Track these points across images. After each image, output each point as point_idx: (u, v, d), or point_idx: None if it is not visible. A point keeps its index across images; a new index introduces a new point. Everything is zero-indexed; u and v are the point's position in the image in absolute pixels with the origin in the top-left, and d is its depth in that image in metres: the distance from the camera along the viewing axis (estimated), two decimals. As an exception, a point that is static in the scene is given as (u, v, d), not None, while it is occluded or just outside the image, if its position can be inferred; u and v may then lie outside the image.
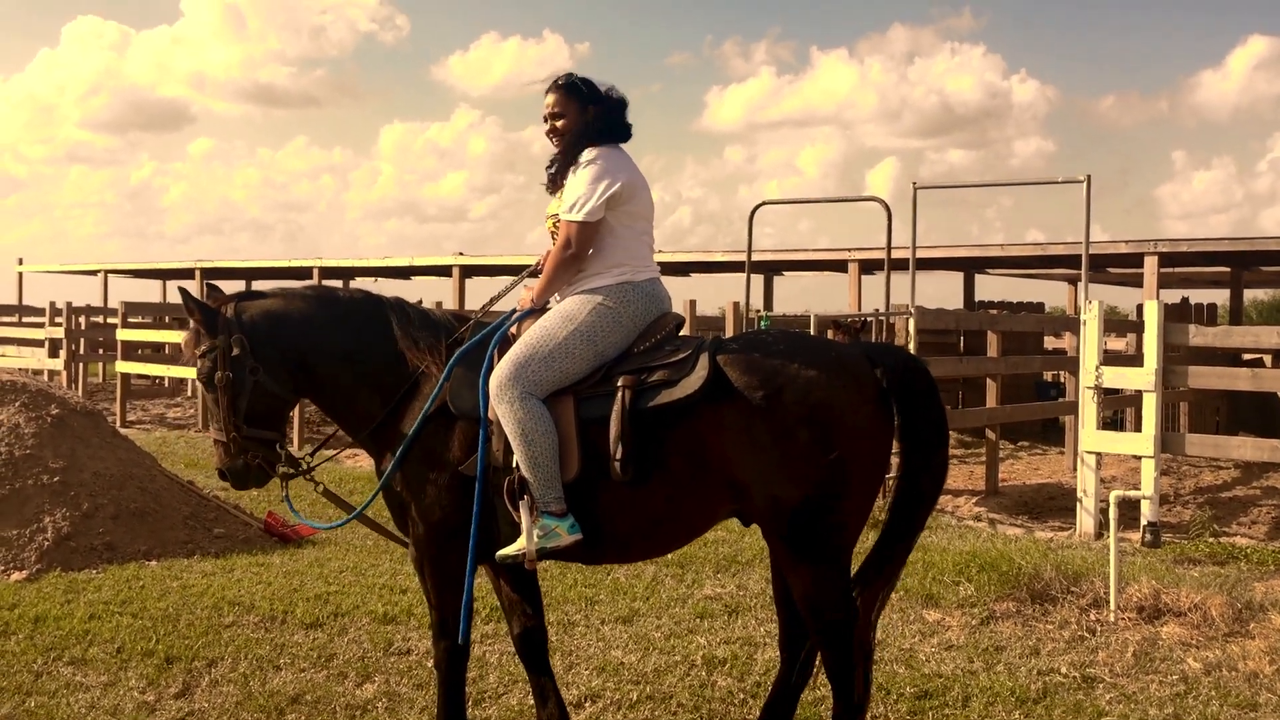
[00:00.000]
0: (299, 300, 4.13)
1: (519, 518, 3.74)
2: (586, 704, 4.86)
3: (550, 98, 4.09)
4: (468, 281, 21.52)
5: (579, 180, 3.95)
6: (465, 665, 4.09)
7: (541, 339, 3.84)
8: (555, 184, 4.10)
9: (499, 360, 3.86)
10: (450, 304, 20.07)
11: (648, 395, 3.74)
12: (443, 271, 22.46)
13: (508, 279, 4.43)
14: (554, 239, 4.05)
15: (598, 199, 3.90)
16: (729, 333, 11.76)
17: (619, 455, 3.68)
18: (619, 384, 3.76)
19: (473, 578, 3.91)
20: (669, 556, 7.30)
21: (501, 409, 3.76)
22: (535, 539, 3.72)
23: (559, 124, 4.07)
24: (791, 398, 3.64)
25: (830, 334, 10.74)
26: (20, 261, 29.57)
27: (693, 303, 12.83)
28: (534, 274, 4.20)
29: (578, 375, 3.83)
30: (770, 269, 21.15)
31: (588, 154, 3.97)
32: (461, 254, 20.74)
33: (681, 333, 4.03)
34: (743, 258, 12.56)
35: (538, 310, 4.03)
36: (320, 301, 4.14)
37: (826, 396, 3.65)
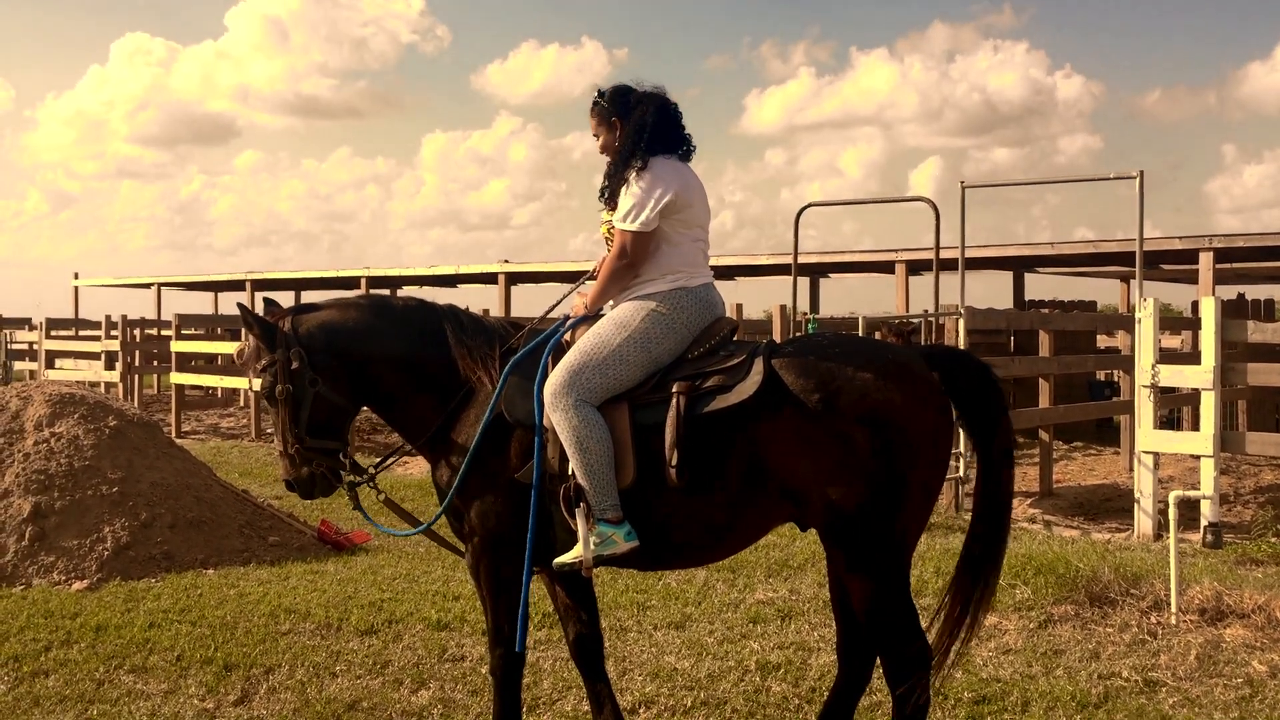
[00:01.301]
0: (354, 310, 4.16)
1: (575, 525, 3.74)
2: (641, 710, 4.85)
3: (590, 119, 4.14)
4: (513, 289, 21.64)
5: (632, 189, 3.95)
6: (521, 672, 4.10)
7: (596, 346, 3.84)
8: (611, 203, 4.08)
9: (553, 368, 3.87)
10: (496, 311, 20.18)
11: (703, 401, 3.72)
12: (488, 279, 22.61)
13: (553, 285, 4.46)
14: (609, 245, 4.05)
15: (651, 210, 3.90)
16: (776, 336, 11.72)
17: (674, 461, 3.67)
18: (674, 390, 3.75)
19: (528, 585, 3.92)
20: (720, 561, 7.27)
21: (556, 416, 3.76)
22: (592, 546, 3.72)
23: (599, 143, 4.12)
24: (848, 401, 3.61)
25: (878, 336, 10.66)
26: (76, 276, 30.16)
27: (739, 306, 12.81)
28: (592, 278, 4.20)
29: (632, 382, 3.83)
30: (816, 271, 21.07)
31: (636, 164, 3.96)
32: (507, 261, 20.87)
33: (735, 338, 4.01)
34: (787, 260, 12.51)
35: (591, 317, 4.03)
36: (375, 310, 4.17)
37: (883, 399, 3.62)
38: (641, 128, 4.00)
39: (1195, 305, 15.42)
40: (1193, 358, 10.75)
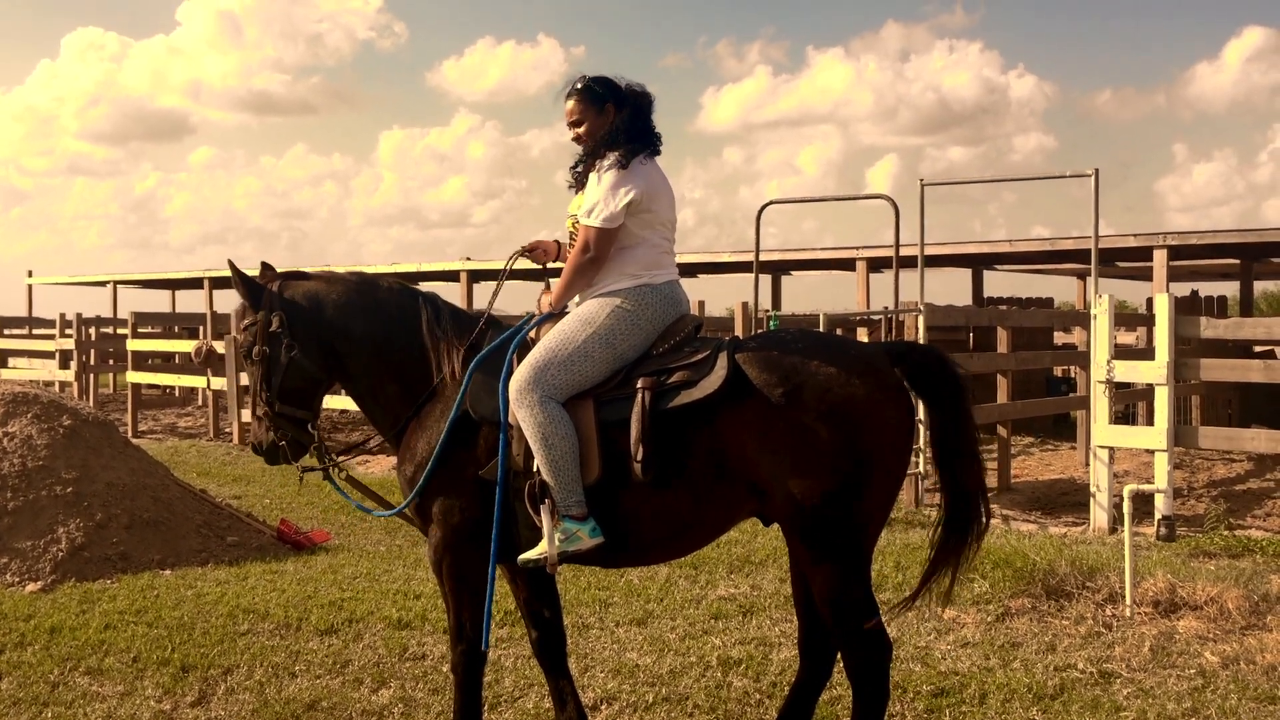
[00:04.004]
0: (340, 285, 4.18)
1: (540, 522, 3.74)
2: (603, 706, 4.86)
3: (569, 104, 4.10)
4: (475, 286, 21.54)
5: (599, 185, 3.94)
6: (482, 669, 4.09)
7: (560, 343, 3.84)
8: (580, 184, 4.09)
9: (518, 365, 3.87)
10: (458, 309, 20.05)
11: (667, 396, 3.73)
12: (450, 277, 22.49)
13: (516, 283, 4.46)
14: (573, 239, 4.05)
15: (617, 205, 3.90)
16: (739, 333, 11.76)
17: (640, 457, 3.68)
18: (638, 386, 3.76)
19: (493, 584, 3.92)
20: (684, 557, 7.29)
21: (521, 413, 3.76)
22: (557, 543, 3.72)
23: (580, 130, 4.08)
24: (811, 395, 3.64)
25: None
26: (30, 274, 29.66)
27: (701, 303, 12.84)
28: (556, 275, 4.16)
29: (597, 378, 3.83)
30: (778, 269, 21.12)
31: (610, 158, 3.95)
32: (469, 259, 20.77)
33: (700, 334, 4.03)
34: (749, 258, 12.56)
35: (556, 314, 4.03)
36: (359, 288, 4.17)
37: (846, 394, 3.64)
38: (635, 116, 4.03)
39: (1150, 302, 15.63)
40: (1147, 354, 10.90)
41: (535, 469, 3.77)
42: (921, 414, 6.93)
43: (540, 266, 4.38)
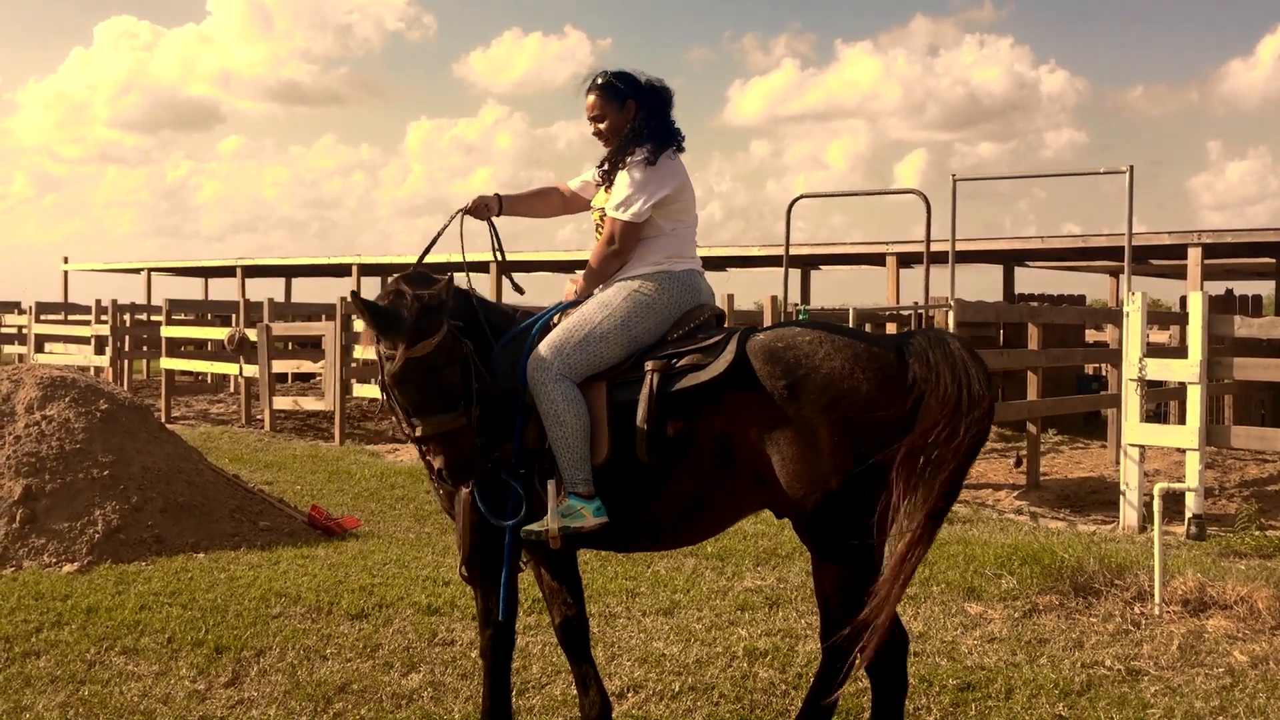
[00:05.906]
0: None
1: (545, 496, 3.79)
2: (629, 694, 4.89)
3: (589, 99, 4.15)
4: (504, 278, 21.69)
5: (630, 179, 3.99)
6: (510, 653, 4.13)
7: (578, 324, 3.92)
8: (608, 181, 4.15)
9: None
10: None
11: (675, 379, 3.77)
12: (480, 268, 22.61)
13: (544, 274, 4.51)
14: (599, 232, 4.11)
15: (645, 202, 3.97)
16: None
17: (643, 438, 3.71)
18: (648, 368, 3.80)
19: (509, 559, 3.95)
20: (709, 549, 7.32)
21: (536, 390, 3.83)
22: (559, 517, 3.76)
23: (601, 125, 4.14)
24: (812, 388, 3.59)
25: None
26: (66, 260, 30.03)
27: (730, 297, 12.82)
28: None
29: (612, 360, 3.89)
30: (807, 263, 21.11)
31: (639, 154, 4.00)
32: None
33: (722, 324, 4.07)
34: (778, 252, 12.55)
35: (580, 301, 4.10)
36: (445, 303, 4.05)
37: (849, 388, 3.57)
38: (656, 112, 4.08)
39: (1183, 300, 15.50)
40: (1180, 352, 10.83)
41: (546, 445, 3.82)
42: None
43: (486, 220, 4.34)
